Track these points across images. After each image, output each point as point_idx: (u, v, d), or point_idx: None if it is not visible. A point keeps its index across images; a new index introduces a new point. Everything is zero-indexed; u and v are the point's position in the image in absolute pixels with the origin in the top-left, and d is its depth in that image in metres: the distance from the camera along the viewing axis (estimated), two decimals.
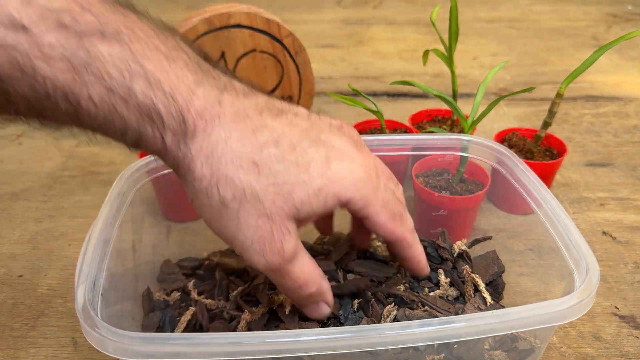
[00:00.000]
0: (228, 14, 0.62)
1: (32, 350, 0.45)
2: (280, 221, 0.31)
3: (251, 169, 0.30)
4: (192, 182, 0.31)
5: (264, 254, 0.31)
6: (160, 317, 0.43)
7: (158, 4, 1.23)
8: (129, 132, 0.29)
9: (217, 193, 0.30)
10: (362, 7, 1.24)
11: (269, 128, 0.31)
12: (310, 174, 0.32)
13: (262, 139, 0.31)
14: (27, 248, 0.56)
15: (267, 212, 0.31)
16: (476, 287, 0.44)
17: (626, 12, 1.21)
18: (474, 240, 0.49)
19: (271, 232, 0.31)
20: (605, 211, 0.61)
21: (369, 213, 0.35)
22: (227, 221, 0.31)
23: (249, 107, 0.31)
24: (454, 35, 0.58)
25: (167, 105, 0.29)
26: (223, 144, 0.30)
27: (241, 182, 0.30)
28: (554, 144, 0.62)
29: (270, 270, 0.32)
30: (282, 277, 0.33)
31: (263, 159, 0.31)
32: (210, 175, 0.30)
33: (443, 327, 0.31)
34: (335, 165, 0.33)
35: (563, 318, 0.32)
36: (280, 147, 0.31)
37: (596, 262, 0.35)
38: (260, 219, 0.31)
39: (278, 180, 0.31)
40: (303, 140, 0.32)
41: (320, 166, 0.32)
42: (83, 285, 0.34)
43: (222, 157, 0.30)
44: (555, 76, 0.93)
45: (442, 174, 0.55)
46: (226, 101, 0.31)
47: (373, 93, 0.87)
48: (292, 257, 0.32)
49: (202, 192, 0.31)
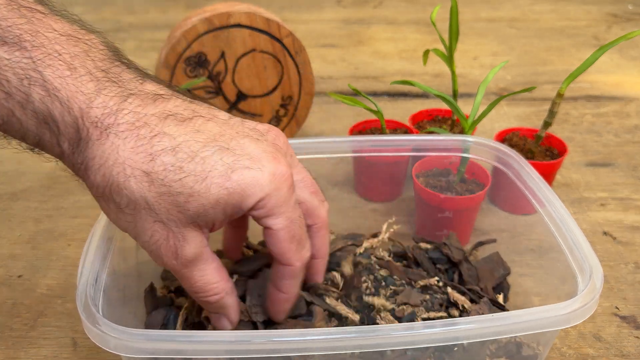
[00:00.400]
0: (228, 13, 0.62)
1: (32, 350, 0.45)
2: (176, 228, 0.32)
3: (143, 179, 0.30)
4: (90, 188, 0.32)
5: (161, 257, 0.33)
6: (164, 315, 0.43)
7: (158, 3, 1.22)
8: (28, 135, 0.31)
9: (113, 200, 0.31)
10: (362, 7, 1.24)
11: (168, 136, 0.31)
12: (207, 184, 0.31)
13: (159, 147, 0.30)
14: (27, 248, 0.56)
15: (162, 219, 0.31)
16: (480, 295, 0.44)
17: (627, 12, 1.21)
18: (477, 243, 0.49)
19: (167, 238, 0.32)
20: (605, 211, 0.61)
21: (269, 225, 0.34)
22: (126, 224, 0.32)
23: (151, 115, 0.31)
24: (454, 35, 0.58)
25: (63, 114, 0.30)
26: (115, 153, 0.30)
27: (133, 192, 0.30)
28: (555, 143, 0.61)
29: (172, 271, 0.34)
30: (181, 280, 0.34)
31: (156, 169, 0.30)
32: (105, 184, 0.31)
33: (447, 329, 0.31)
34: (238, 174, 0.31)
35: (567, 322, 0.32)
36: (177, 155, 0.31)
37: (599, 265, 0.35)
38: (156, 225, 0.31)
39: (172, 190, 0.31)
40: (207, 147, 0.31)
41: (219, 176, 0.31)
42: (85, 282, 0.34)
43: (114, 166, 0.30)
44: (556, 76, 0.93)
45: (443, 174, 0.55)
46: (126, 110, 0.31)
47: (373, 93, 0.87)
48: (190, 262, 0.33)
49: (100, 198, 0.32)
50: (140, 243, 0.33)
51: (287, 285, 0.36)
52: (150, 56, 0.96)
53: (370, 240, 0.48)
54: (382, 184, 0.60)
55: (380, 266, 0.46)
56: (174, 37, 0.63)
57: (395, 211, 0.60)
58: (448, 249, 0.48)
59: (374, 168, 0.59)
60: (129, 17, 1.15)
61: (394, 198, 0.62)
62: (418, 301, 0.42)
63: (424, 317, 0.41)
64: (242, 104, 0.67)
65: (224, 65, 0.64)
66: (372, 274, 0.45)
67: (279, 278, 0.36)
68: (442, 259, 0.48)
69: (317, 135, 0.75)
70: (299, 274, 0.36)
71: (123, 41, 1.03)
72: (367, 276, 0.45)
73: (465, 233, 0.54)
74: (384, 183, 0.61)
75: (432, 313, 0.42)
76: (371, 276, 0.45)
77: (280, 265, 0.36)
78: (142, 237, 0.32)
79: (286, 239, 0.34)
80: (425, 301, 0.43)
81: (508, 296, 0.46)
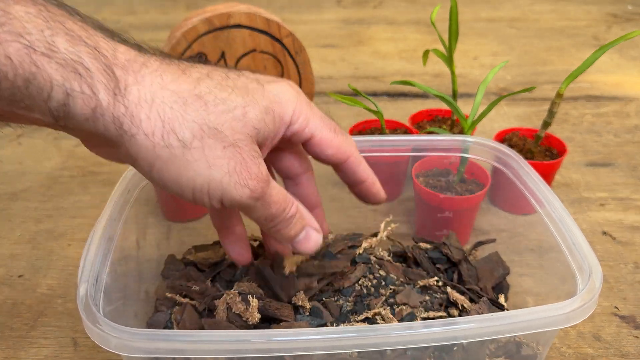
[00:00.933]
0: (228, 14, 0.62)
1: (32, 350, 0.45)
2: (246, 146, 0.31)
3: (198, 103, 0.30)
4: (144, 139, 0.29)
5: (246, 183, 0.31)
6: (167, 317, 0.43)
7: (158, 4, 1.22)
8: (55, 93, 0.27)
9: (176, 138, 0.29)
10: (362, 7, 1.24)
11: (196, 68, 0.32)
12: (253, 95, 0.32)
13: (195, 75, 0.31)
14: (27, 248, 0.56)
15: (231, 140, 0.30)
16: (480, 294, 0.44)
17: (626, 12, 1.21)
18: (477, 243, 0.49)
19: (244, 160, 0.31)
20: (605, 211, 0.61)
21: (312, 131, 0.35)
22: (195, 165, 0.30)
23: (170, 60, 0.32)
24: (454, 35, 0.58)
25: (94, 58, 0.27)
26: (160, 89, 0.29)
27: (194, 119, 0.29)
28: (554, 144, 0.61)
29: (254, 199, 0.32)
30: (267, 204, 0.33)
31: (205, 91, 0.30)
32: (162, 122, 0.29)
33: (447, 329, 0.31)
34: (269, 87, 0.34)
35: (566, 322, 0.32)
36: (214, 78, 0.31)
37: (599, 265, 0.35)
38: (227, 150, 0.30)
39: (228, 106, 0.31)
40: (230, 72, 0.33)
41: (257, 89, 0.33)
42: (85, 281, 0.34)
43: (165, 101, 0.29)
44: (556, 76, 0.93)
45: (443, 174, 0.55)
46: (148, 54, 0.30)
47: (373, 93, 0.87)
48: (268, 180, 0.32)
49: (158, 145, 0.29)
50: (215, 184, 0.30)
51: (364, 170, 0.38)
52: None
53: (370, 240, 0.48)
54: (382, 184, 0.60)
55: (379, 266, 0.46)
56: (174, 37, 0.63)
57: (395, 211, 0.60)
58: (448, 249, 0.48)
59: (374, 168, 0.59)
60: (129, 18, 1.15)
61: (394, 198, 0.62)
62: (417, 302, 0.42)
63: (424, 317, 0.41)
64: None
65: (224, 66, 0.64)
66: (372, 274, 0.45)
67: (353, 171, 0.38)
68: (442, 259, 0.48)
69: None
70: (361, 158, 0.38)
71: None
72: (367, 276, 0.45)
73: (465, 233, 0.55)
74: (384, 183, 0.60)
75: (431, 313, 0.42)
76: (371, 276, 0.45)
77: (345, 163, 0.37)
78: (218, 169, 0.30)
79: (332, 135, 0.36)
80: (425, 301, 0.43)
81: (507, 296, 0.46)
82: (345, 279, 0.44)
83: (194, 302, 0.43)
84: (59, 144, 0.74)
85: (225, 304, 0.40)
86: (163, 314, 0.43)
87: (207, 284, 0.44)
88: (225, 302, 0.40)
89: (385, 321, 0.40)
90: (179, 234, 0.55)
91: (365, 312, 0.41)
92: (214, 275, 0.46)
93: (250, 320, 0.39)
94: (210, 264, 0.47)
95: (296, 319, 0.40)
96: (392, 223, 0.50)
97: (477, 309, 0.41)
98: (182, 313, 0.41)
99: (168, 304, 0.44)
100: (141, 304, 0.45)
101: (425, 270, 0.47)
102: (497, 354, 0.38)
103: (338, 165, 0.38)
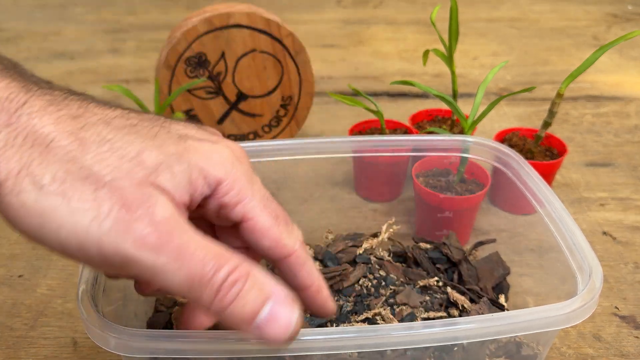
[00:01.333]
0: (228, 14, 0.62)
1: (32, 350, 0.45)
2: (132, 186, 0.24)
3: (73, 143, 0.24)
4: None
5: (134, 232, 0.23)
6: (167, 317, 0.42)
7: (158, 4, 1.22)
8: None
9: (29, 181, 0.23)
10: (362, 7, 1.24)
11: (101, 114, 0.25)
12: (162, 142, 0.25)
13: (91, 119, 0.25)
14: (27, 248, 0.56)
15: (107, 179, 0.24)
16: (480, 294, 0.44)
17: (626, 12, 1.21)
18: (477, 243, 0.49)
19: (125, 200, 0.24)
20: (605, 211, 0.61)
21: (245, 211, 0.27)
22: (54, 214, 0.23)
23: (81, 101, 0.26)
24: (454, 35, 0.58)
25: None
26: (32, 129, 0.23)
27: (60, 159, 0.24)
28: (554, 144, 0.61)
29: (152, 251, 0.24)
30: (180, 259, 0.24)
31: (90, 132, 0.24)
32: (20, 166, 0.23)
33: (447, 329, 0.31)
34: (200, 144, 0.27)
35: (566, 322, 0.32)
36: (115, 125, 0.25)
37: (599, 265, 0.35)
38: (100, 191, 0.23)
39: (116, 147, 0.24)
40: (144, 121, 0.26)
41: (174, 139, 0.26)
42: (85, 281, 0.33)
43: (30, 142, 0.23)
44: (556, 76, 0.93)
45: (443, 174, 0.55)
46: (35, 92, 0.25)
47: (373, 93, 0.87)
48: (181, 227, 0.25)
49: (11, 192, 0.23)
50: (82, 238, 0.23)
51: (308, 273, 0.30)
52: (150, 57, 0.96)
53: (370, 241, 0.48)
54: (382, 184, 0.60)
55: (379, 266, 0.46)
56: (175, 37, 0.63)
57: (395, 211, 0.60)
58: (448, 249, 0.48)
59: (374, 168, 0.59)
60: (129, 18, 1.15)
61: (394, 198, 0.62)
62: (417, 302, 0.42)
63: (424, 317, 0.41)
64: (242, 104, 0.67)
65: (224, 66, 0.65)
66: (372, 274, 0.45)
67: (295, 272, 0.29)
68: (442, 259, 0.48)
69: (317, 135, 0.76)
70: (307, 257, 0.30)
71: (123, 41, 1.04)
72: (367, 276, 0.45)
73: (465, 233, 0.55)
74: (384, 183, 0.61)
75: (431, 313, 0.42)
76: (371, 276, 0.45)
77: (286, 260, 0.29)
78: (82, 218, 0.23)
79: (272, 223, 0.28)
80: (425, 301, 0.43)
81: (508, 296, 0.46)
82: (345, 279, 0.44)
83: None
84: None
85: None
86: (163, 314, 0.43)
87: None
88: None
89: (386, 321, 0.40)
90: None
91: (365, 312, 0.41)
92: None
93: None
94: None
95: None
96: (394, 225, 0.50)
97: (477, 309, 0.41)
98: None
99: (167, 303, 0.44)
100: (140, 304, 0.44)
101: (425, 271, 0.47)
102: (497, 354, 0.38)
103: (275, 263, 0.29)
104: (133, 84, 0.87)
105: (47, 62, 0.96)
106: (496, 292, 0.46)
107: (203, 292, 0.24)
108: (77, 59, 0.98)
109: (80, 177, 0.23)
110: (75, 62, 0.97)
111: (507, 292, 0.47)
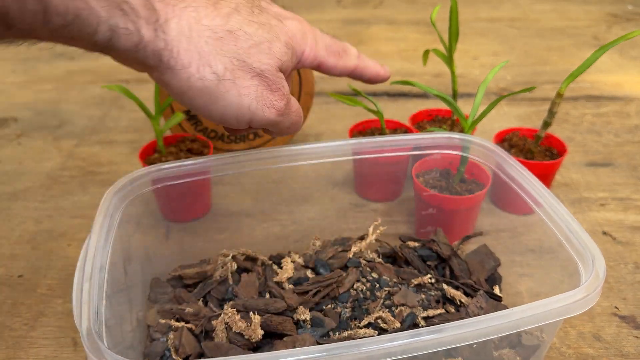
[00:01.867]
0: None
1: (32, 350, 0.45)
2: (271, 75, 0.35)
3: (230, 39, 0.33)
4: (180, 70, 0.32)
5: (273, 104, 0.35)
6: (165, 345, 0.41)
7: None
8: (100, 29, 0.29)
9: (210, 71, 0.33)
10: (362, 7, 1.24)
11: (224, 1, 0.34)
12: (276, 31, 0.36)
13: (225, 10, 0.34)
14: (27, 248, 0.56)
15: (258, 70, 0.34)
16: (475, 288, 0.44)
17: (626, 11, 1.21)
18: (464, 237, 0.49)
19: (269, 85, 0.35)
20: (605, 211, 0.61)
21: (318, 61, 0.41)
22: (227, 95, 0.34)
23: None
24: (454, 35, 0.58)
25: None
26: (196, 23, 0.32)
27: (226, 53, 0.33)
28: (554, 144, 0.61)
29: (280, 115, 0.36)
30: (288, 115, 0.38)
31: (235, 27, 0.34)
32: (199, 56, 0.32)
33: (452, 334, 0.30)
34: (287, 23, 0.38)
35: (571, 310, 0.32)
36: (241, 13, 0.34)
37: (600, 253, 0.35)
38: (254, 79, 0.34)
39: (255, 41, 0.34)
40: (254, 7, 0.36)
41: (278, 26, 0.36)
42: (87, 317, 0.32)
43: (201, 35, 0.32)
44: (556, 76, 0.93)
45: (443, 174, 0.55)
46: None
47: (373, 93, 0.87)
48: (289, 95, 0.37)
49: (193, 77, 0.32)
50: (244, 111, 0.34)
51: (372, 67, 0.45)
52: None
53: (358, 244, 0.48)
54: (382, 184, 0.60)
55: (371, 269, 0.46)
56: None
57: (395, 211, 0.60)
58: (437, 246, 0.48)
59: (374, 168, 0.59)
60: None
61: (394, 198, 0.62)
62: (415, 301, 0.42)
63: (424, 316, 0.41)
64: None
65: None
66: (365, 277, 0.45)
67: (360, 76, 0.45)
68: (432, 256, 0.48)
69: (317, 135, 0.75)
70: (364, 62, 0.44)
71: None
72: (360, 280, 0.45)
73: (465, 233, 0.54)
74: (384, 183, 0.61)
75: (430, 311, 0.42)
76: (364, 279, 0.45)
77: (352, 73, 0.44)
78: (248, 97, 0.34)
79: (337, 60, 0.42)
80: (422, 299, 0.43)
81: (500, 286, 0.46)
82: (340, 285, 0.44)
83: (190, 324, 0.41)
84: (59, 144, 0.74)
85: (224, 323, 0.39)
86: (160, 343, 0.41)
87: (199, 305, 0.43)
88: (223, 322, 0.39)
89: (388, 324, 0.40)
90: (178, 234, 0.55)
91: (366, 317, 0.41)
92: (204, 294, 0.45)
93: (253, 337, 0.38)
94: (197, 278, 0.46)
95: (298, 332, 0.40)
96: (381, 226, 0.50)
97: (475, 303, 0.41)
98: (180, 338, 0.40)
99: (162, 329, 0.42)
100: (135, 333, 0.43)
101: (416, 269, 0.47)
102: (502, 345, 0.38)
103: (349, 74, 0.44)
104: (133, 84, 0.87)
105: (47, 62, 0.96)
106: (489, 284, 0.46)
107: (299, 123, 0.40)
108: (77, 59, 0.98)
109: (240, 67, 0.34)
110: (75, 62, 0.97)
111: (500, 283, 0.47)
